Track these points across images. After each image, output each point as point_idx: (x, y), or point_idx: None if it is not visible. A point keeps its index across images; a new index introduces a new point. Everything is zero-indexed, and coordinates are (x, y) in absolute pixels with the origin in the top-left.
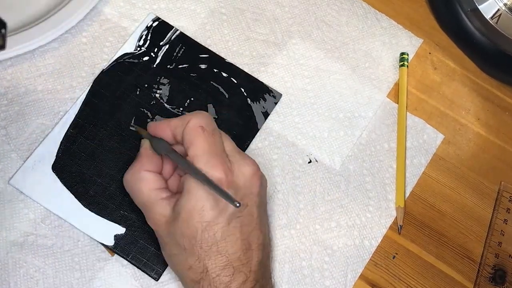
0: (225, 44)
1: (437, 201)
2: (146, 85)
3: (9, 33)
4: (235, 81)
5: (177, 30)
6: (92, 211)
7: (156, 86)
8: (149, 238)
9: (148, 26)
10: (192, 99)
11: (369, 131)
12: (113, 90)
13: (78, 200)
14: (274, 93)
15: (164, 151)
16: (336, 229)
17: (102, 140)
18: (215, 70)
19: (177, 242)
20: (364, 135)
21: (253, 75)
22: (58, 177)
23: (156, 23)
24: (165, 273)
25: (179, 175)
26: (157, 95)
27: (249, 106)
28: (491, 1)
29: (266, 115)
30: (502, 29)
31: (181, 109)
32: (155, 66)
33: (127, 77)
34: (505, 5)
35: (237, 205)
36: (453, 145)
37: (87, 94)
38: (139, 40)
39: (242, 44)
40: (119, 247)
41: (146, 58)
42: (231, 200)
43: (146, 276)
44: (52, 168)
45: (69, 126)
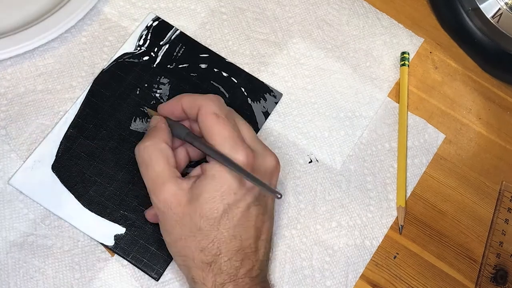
0: (225, 43)
1: (438, 201)
2: (146, 84)
3: (8, 32)
4: (236, 81)
5: (177, 29)
6: (92, 211)
7: (156, 86)
8: (150, 238)
9: (148, 25)
10: None
11: (370, 130)
12: (113, 90)
13: (78, 200)
14: (274, 92)
15: (186, 137)
16: (337, 229)
17: (102, 140)
18: (216, 70)
19: (193, 223)
20: (365, 135)
21: (253, 74)
22: (58, 177)
23: (156, 22)
24: (165, 273)
25: (185, 150)
26: (157, 94)
27: (249, 105)
28: (492, 0)
29: (266, 114)
30: (503, 28)
31: None
32: (155, 65)
33: (127, 77)
34: (506, 4)
35: (279, 196)
36: (454, 144)
37: (87, 94)
38: (139, 40)
39: (242, 44)
40: (119, 247)
41: (146, 58)
42: (273, 191)
43: (147, 276)
44: (52, 168)
45: (69, 126)
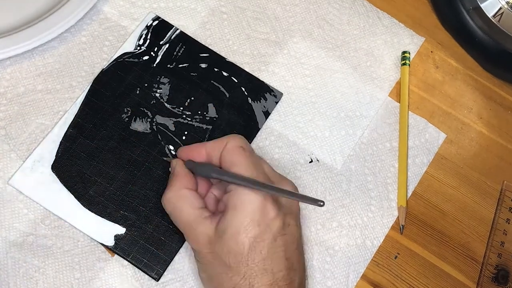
0: (225, 43)
1: (439, 201)
2: (146, 84)
3: (8, 32)
4: (236, 80)
5: (177, 29)
6: (92, 211)
7: (156, 86)
8: (150, 239)
9: (148, 25)
10: (193, 98)
11: (370, 130)
12: (113, 90)
13: (77, 200)
14: (275, 92)
15: (212, 173)
16: (338, 229)
17: (102, 139)
18: (216, 69)
19: (222, 261)
20: (365, 134)
21: (253, 74)
22: (58, 177)
23: (156, 22)
24: (165, 273)
25: (214, 195)
26: (157, 94)
27: (249, 105)
28: None
29: (267, 114)
30: (504, 27)
31: (181, 108)
32: (155, 65)
33: (127, 76)
34: (507, 3)
35: (321, 204)
36: (455, 144)
37: (86, 93)
38: (139, 39)
39: (242, 43)
40: (119, 248)
41: (146, 58)
42: (313, 201)
43: (147, 276)
44: (52, 168)
45: (69, 125)
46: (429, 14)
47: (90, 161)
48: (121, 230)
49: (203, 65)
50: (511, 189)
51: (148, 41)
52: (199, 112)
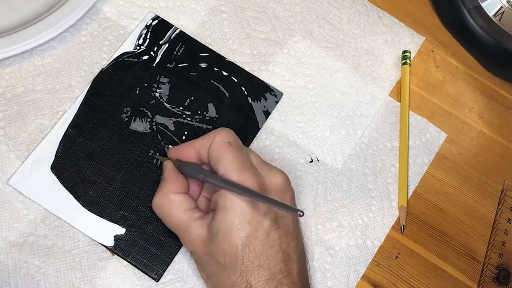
0: (225, 42)
1: (440, 201)
2: (145, 84)
3: (7, 32)
4: (236, 80)
5: (177, 28)
6: (91, 211)
7: (156, 85)
8: (150, 239)
9: (148, 24)
10: (192, 98)
11: (371, 130)
12: (113, 90)
13: (77, 200)
14: (275, 92)
15: (198, 174)
16: (338, 229)
17: (101, 140)
18: (216, 69)
19: (217, 261)
20: (366, 134)
21: (253, 73)
22: (57, 177)
23: (156, 21)
24: (165, 274)
25: (204, 196)
26: (157, 94)
27: (250, 105)
28: None
29: (267, 114)
30: (505, 26)
31: (181, 108)
32: (154, 65)
33: (126, 76)
34: (508, 2)
35: (301, 214)
36: (456, 144)
37: (86, 93)
38: (138, 39)
39: (242, 43)
40: (119, 248)
41: (145, 57)
42: (292, 210)
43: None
44: (51, 168)
45: (68, 125)
46: (429, 13)
47: (90, 161)
48: (121, 231)
49: (203, 65)
50: None
51: (147, 40)
52: (199, 112)
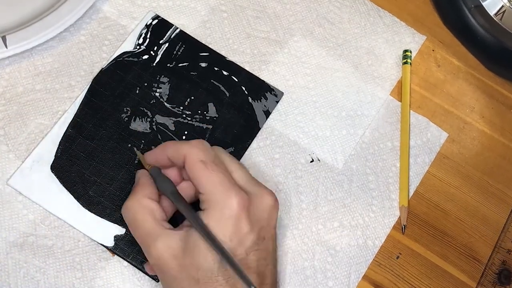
0: (225, 42)
1: (441, 200)
2: (146, 84)
3: (6, 31)
4: (236, 80)
5: (177, 28)
6: (91, 211)
7: (156, 85)
8: None
9: (148, 24)
10: (193, 98)
11: (372, 129)
12: (113, 89)
13: (77, 200)
14: (275, 91)
15: (170, 196)
16: (339, 229)
17: (101, 139)
18: (216, 69)
19: (190, 275)
20: (367, 134)
21: (254, 73)
22: (57, 178)
23: (156, 21)
24: None
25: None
26: (157, 94)
27: (250, 104)
28: None
29: (267, 113)
30: (506, 25)
31: (181, 108)
32: (154, 64)
33: (126, 76)
34: (509, 1)
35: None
36: (457, 143)
37: (86, 93)
38: (138, 39)
39: (243, 42)
40: (119, 248)
41: (145, 57)
42: (247, 281)
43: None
44: (51, 168)
45: (68, 125)
46: (430, 12)
47: (90, 161)
48: (120, 231)
49: (203, 64)
50: None
51: (147, 40)
52: (199, 112)
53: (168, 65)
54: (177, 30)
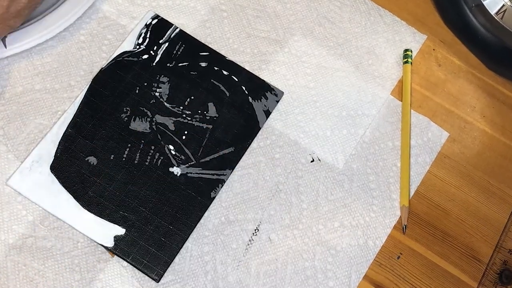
0: (225, 41)
1: (442, 200)
2: (145, 83)
3: None
4: (236, 79)
5: (177, 27)
6: (91, 212)
7: (156, 85)
8: (150, 239)
9: (147, 23)
10: (193, 97)
11: (372, 129)
12: (112, 89)
13: (77, 200)
14: (275, 91)
15: None
16: (340, 229)
17: (101, 139)
18: (216, 68)
19: None
20: (367, 133)
21: (254, 73)
22: (57, 178)
23: (156, 20)
24: (166, 274)
25: None
26: (157, 93)
27: (250, 104)
28: None
29: (267, 113)
30: (507, 24)
31: (181, 107)
32: (154, 64)
33: (126, 75)
34: (510, 0)
35: None
36: (458, 143)
37: (85, 93)
38: (138, 38)
39: (243, 42)
40: (119, 249)
41: (145, 56)
42: None
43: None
44: (51, 168)
45: (68, 125)
46: (431, 11)
47: (89, 161)
48: (120, 231)
49: (203, 64)
50: None
51: (147, 40)
52: (199, 112)
53: (168, 64)
54: (177, 30)
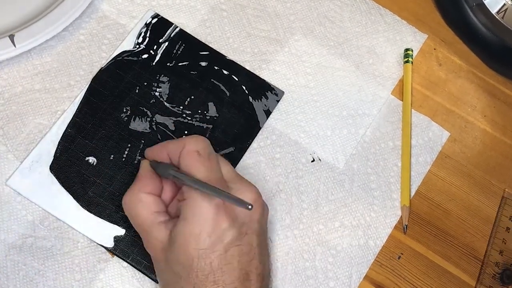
0: (226, 41)
1: (443, 200)
2: (145, 83)
3: (5, 33)
4: (236, 79)
5: (177, 27)
6: (91, 212)
7: (156, 84)
8: None
9: (147, 23)
10: (193, 97)
11: (373, 129)
12: (112, 89)
13: (76, 201)
14: (276, 90)
15: (170, 173)
16: (340, 229)
17: (101, 139)
18: (216, 68)
19: (173, 269)
20: (368, 133)
21: (254, 72)
22: (56, 178)
23: (155, 20)
24: None
25: (178, 200)
26: (156, 93)
27: (250, 104)
28: None
29: (268, 113)
30: (508, 24)
31: (181, 107)
32: (154, 64)
33: (126, 75)
34: None
35: (249, 207)
36: (459, 142)
37: (85, 93)
38: (138, 38)
39: (243, 41)
40: (119, 249)
41: (145, 56)
42: (242, 203)
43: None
44: (50, 168)
45: (67, 125)
46: (432, 11)
47: (89, 161)
48: (120, 231)
49: (203, 64)
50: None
51: (147, 39)
52: (199, 111)
53: (168, 64)
54: (177, 29)
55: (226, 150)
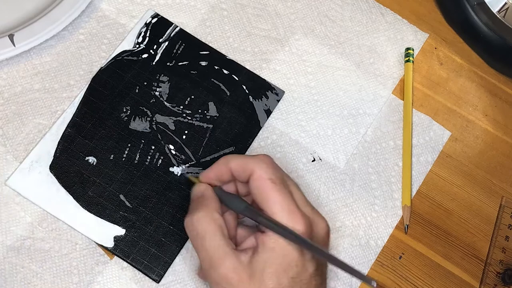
0: (226, 40)
1: (444, 200)
2: (145, 83)
3: (5, 32)
4: (237, 78)
5: (177, 26)
6: (91, 212)
7: (156, 84)
8: (150, 240)
9: (147, 22)
10: (193, 97)
11: (374, 128)
12: (112, 89)
13: (76, 201)
14: (276, 90)
15: (245, 211)
16: (341, 229)
17: (100, 139)
18: (216, 67)
19: None
20: (369, 133)
21: (255, 72)
22: (56, 178)
23: (155, 19)
24: (166, 275)
25: (240, 229)
26: (156, 93)
27: (251, 103)
28: None
29: (268, 112)
30: (509, 23)
31: (181, 107)
32: (154, 63)
33: (126, 75)
34: None
35: (374, 285)
36: (460, 142)
37: (85, 92)
38: (137, 37)
39: (243, 41)
40: (119, 249)
41: (145, 56)
42: (365, 279)
43: (147, 278)
44: (50, 168)
45: (67, 125)
46: (432, 10)
47: (89, 161)
48: (120, 231)
49: (203, 63)
50: (510, 204)
51: (147, 38)
52: (200, 111)
53: (168, 64)
54: (177, 29)
55: (226, 150)
